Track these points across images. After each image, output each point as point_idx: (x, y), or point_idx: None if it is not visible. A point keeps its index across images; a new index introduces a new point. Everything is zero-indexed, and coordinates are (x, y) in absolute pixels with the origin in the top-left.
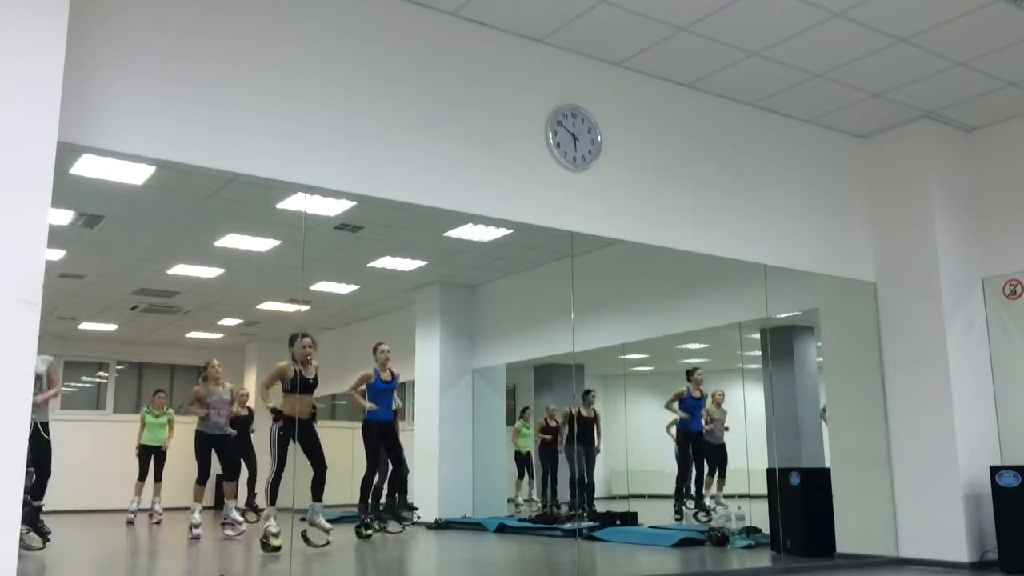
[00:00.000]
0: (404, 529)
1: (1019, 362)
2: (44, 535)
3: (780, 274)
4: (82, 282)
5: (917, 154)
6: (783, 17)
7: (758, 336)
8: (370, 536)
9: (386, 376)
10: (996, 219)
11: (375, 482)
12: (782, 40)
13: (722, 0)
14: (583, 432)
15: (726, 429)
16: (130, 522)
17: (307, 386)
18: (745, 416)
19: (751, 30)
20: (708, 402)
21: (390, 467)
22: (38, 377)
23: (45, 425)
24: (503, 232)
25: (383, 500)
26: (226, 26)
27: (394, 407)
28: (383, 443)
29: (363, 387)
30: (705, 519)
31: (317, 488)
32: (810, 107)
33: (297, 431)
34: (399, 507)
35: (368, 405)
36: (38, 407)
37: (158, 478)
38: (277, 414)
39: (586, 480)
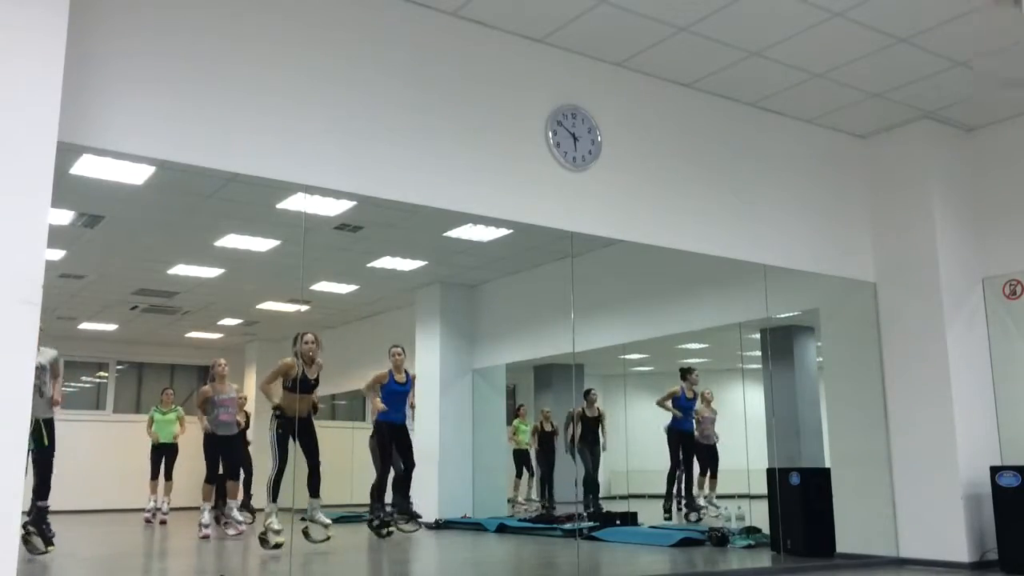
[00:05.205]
0: (419, 527)
1: (1019, 362)
2: (48, 539)
3: (780, 274)
4: (82, 282)
5: (917, 154)
6: (783, 17)
7: (758, 336)
8: (391, 534)
9: (400, 378)
10: (996, 219)
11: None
12: (782, 40)
13: (722, 0)
14: (589, 432)
15: (716, 437)
16: (148, 521)
17: (308, 386)
18: (745, 416)
19: (751, 30)
20: (698, 403)
21: (402, 467)
22: (43, 368)
23: (50, 422)
24: (503, 232)
25: (390, 500)
26: (226, 26)
27: (408, 405)
28: (395, 444)
29: (377, 387)
30: (695, 519)
31: (313, 484)
32: (810, 107)
33: (296, 430)
34: (404, 506)
35: (380, 407)
36: (49, 404)
37: (168, 476)
38: (278, 411)
39: (594, 480)
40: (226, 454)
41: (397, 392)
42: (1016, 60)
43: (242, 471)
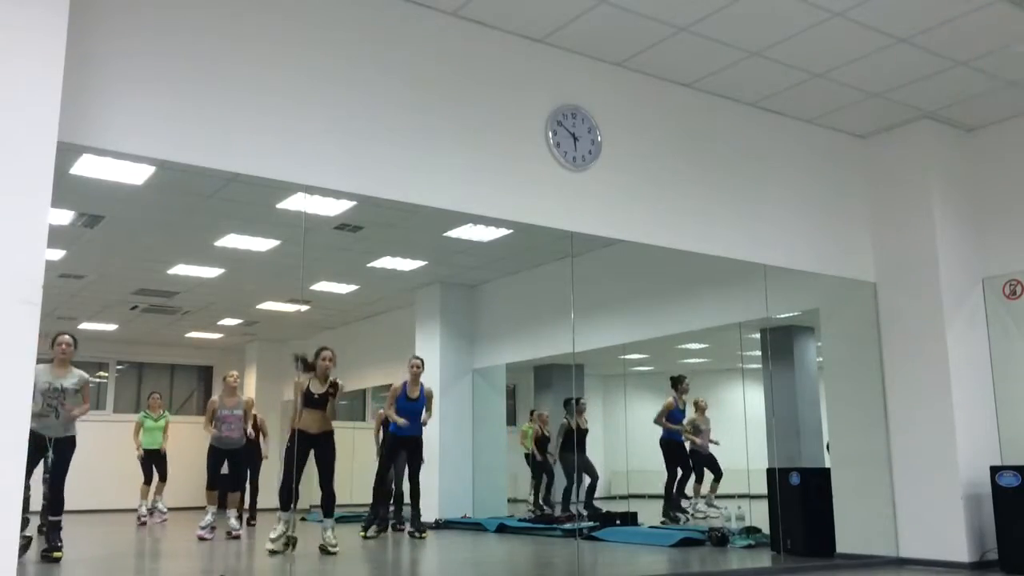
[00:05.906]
0: (424, 535)
1: (1019, 362)
2: (58, 547)
3: (780, 274)
4: (82, 282)
5: (917, 154)
6: (783, 17)
7: (758, 336)
8: (373, 537)
9: (413, 394)
10: (996, 219)
11: (390, 489)
12: (782, 40)
13: (722, 0)
14: (581, 442)
15: (713, 442)
16: (143, 523)
17: (312, 400)
18: (745, 416)
19: (751, 30)
20: (691, 411)
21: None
22: (61, 391)
23: (68, 440)
24: (503, 232)
25: (404, 503)
26: (226, 26)
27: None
28: (402, 455)
29: (393, 401)
30: (684, 520)
31: (324, 504)
32: (810, 107)
33: (310, 445)
34: (414, 518)
35: (400, 421)
36: (67, 421)
37: (163, 478)
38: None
39: (594, 482)
40: (229, 466)
41: (407, 409)
42: (1016, 60)
43: (248, 483)
